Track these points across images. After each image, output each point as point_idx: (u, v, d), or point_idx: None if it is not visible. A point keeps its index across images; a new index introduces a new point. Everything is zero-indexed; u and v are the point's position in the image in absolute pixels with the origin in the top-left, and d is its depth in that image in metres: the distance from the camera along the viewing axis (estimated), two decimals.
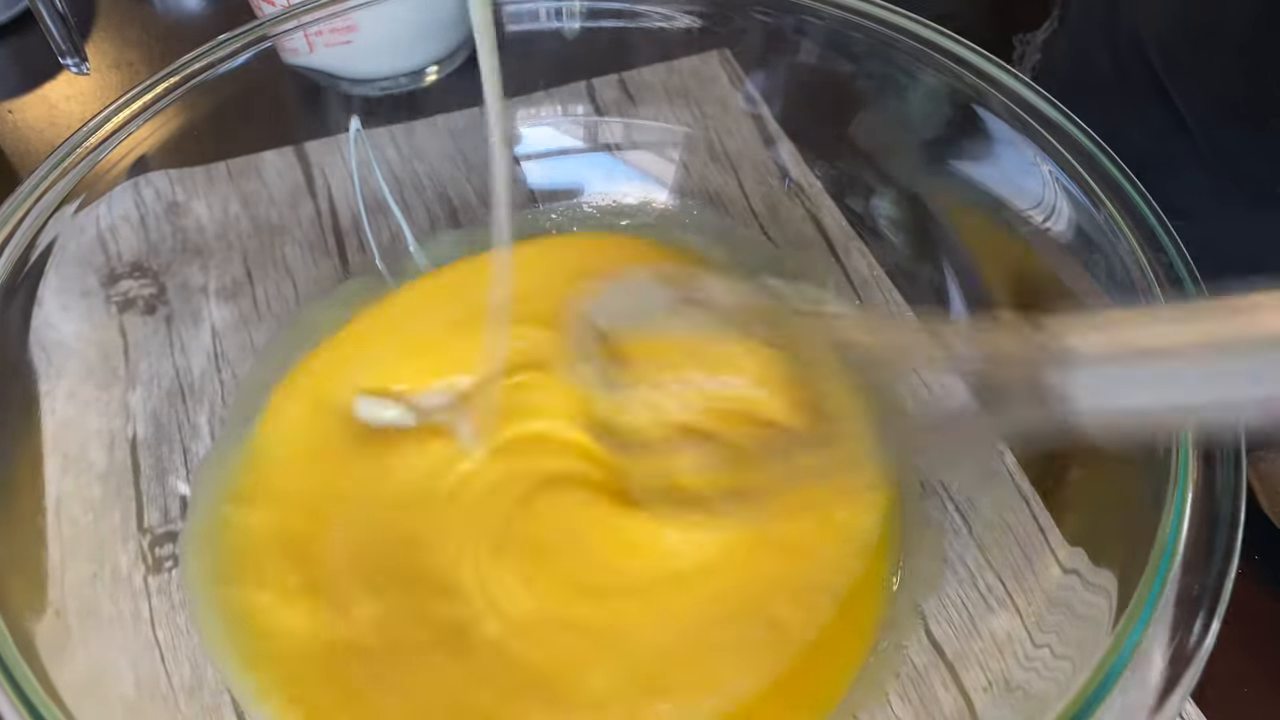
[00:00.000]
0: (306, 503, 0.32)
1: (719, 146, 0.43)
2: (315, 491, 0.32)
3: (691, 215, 0.42)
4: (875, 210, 0.40)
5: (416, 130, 0.43)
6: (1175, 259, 0.27)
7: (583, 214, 0.42)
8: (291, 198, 0.40)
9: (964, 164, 0.35)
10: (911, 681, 0.30)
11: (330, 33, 0.38)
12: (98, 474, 0.32)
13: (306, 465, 0.33)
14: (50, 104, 0.51)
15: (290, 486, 0.32)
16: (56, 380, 0.31)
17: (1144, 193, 0.29)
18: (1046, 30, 0.55)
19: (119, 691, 0.28)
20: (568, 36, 0.41)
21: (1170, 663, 0.22)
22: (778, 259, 0.40)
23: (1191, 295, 0.27)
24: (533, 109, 0.44)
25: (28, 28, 0.53)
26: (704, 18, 0.40)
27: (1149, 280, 0.27)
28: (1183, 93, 0.42)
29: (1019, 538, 0.31)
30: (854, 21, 0.35)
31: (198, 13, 0.56)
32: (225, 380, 0.36)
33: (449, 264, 0.38)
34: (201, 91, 0.33)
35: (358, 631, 0.30)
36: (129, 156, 0.32)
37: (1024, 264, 0.33)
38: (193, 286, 0.37)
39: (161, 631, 0.30)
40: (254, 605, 0.30)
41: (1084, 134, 0.30)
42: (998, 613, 0.30)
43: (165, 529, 0.32)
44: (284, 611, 0.30)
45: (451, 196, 0.42)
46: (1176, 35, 0.42)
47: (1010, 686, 0.28)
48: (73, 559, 0.29)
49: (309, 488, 0.32)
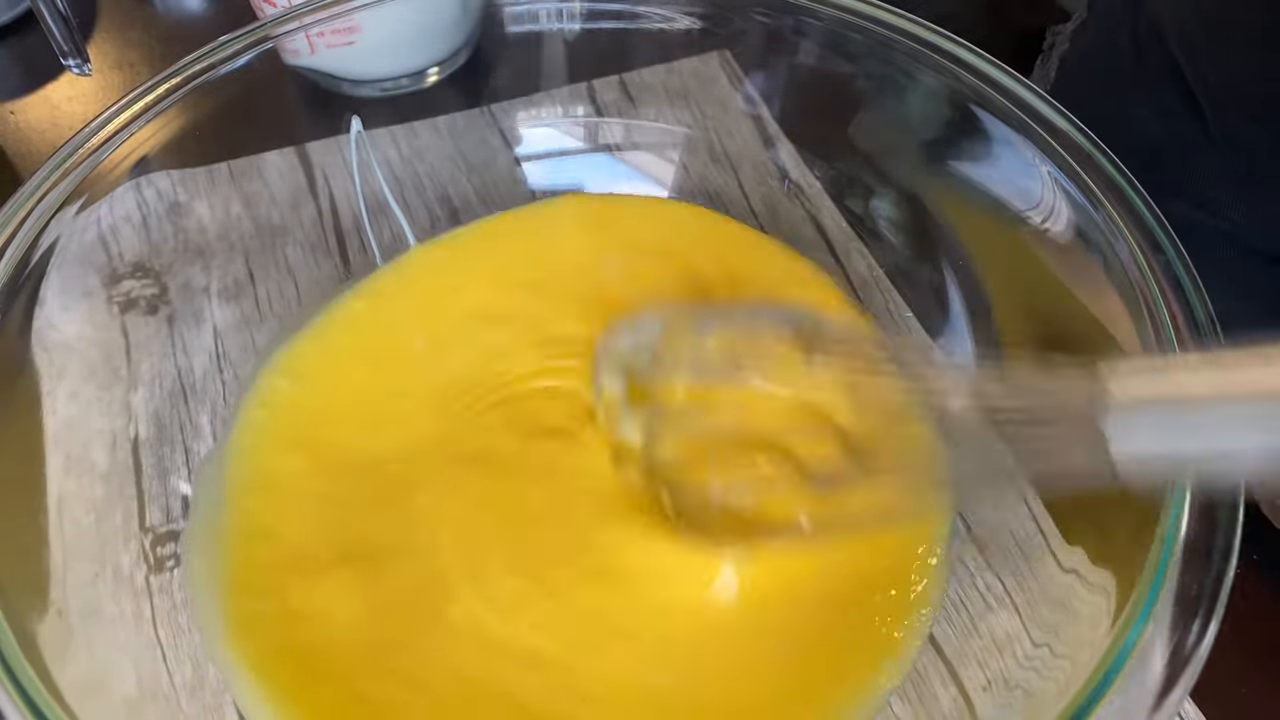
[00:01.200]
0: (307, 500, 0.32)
1: (719, 147, 0.43)
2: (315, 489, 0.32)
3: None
4: (875, 211, 0.40)
5: (418, 131, 0.43)
6: (1174, 259, 0.27)
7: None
8: (293, 198, 0.40)
9: (964, 164, 0.35)
10: (911, 681, 0.30)
11: (332, 34, 0.38)
12: (100, 474, 0.32)
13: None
14: (52, 105, 0.51)
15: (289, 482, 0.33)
16: (58, 380, 0.31)
17: (1143, 193, 0.29)
18: (1076, 20, 0.55)
19: (121, 691, 0.28)
20: (568, 38, 0.41)
21: (1169, 663, 0.22)
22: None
23: (1193, 298, 0.27)
24: (533, 110, 0.44)
25: (29, 28, 0.53)
26: (704, 19, 0.40)
27: (1148, 280, 0.27)
28: (1201, 84, 0.42)
29: (1018, 537, 0.31)
30: (853, 22, 0.35)
31: (199, 14, 0.56)
32: (227, 380, 0.36)
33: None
34: (203, 92, 0.34)
35: (359, 630, 0.30)
36: (131, 157, 0.32)
37: (1024, 264, 0.33)
38: (194, 287, 0.37)
39: (163, 631, 0.30)
40: (255, 605, 0.30)
41: (1083, 134, 0.30)
42: (997, 612, 0.30)
43: (167, 529, 0.32)
44: (286, 611, 0.30)
45: (452, 196, 0.42)
46: (1195, 26, 0.42)
47: (1009, 686, 0.28)
48: (75, 559, 0.29)
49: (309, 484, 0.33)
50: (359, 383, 0.35)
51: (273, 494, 0.32)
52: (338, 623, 0.30)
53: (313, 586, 0.30)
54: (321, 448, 0.33)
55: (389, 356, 0.36)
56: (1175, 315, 0.26)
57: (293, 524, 0.32)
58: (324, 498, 0.32)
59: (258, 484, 0.33)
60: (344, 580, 0.30)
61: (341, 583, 0.30)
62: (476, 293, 0.37)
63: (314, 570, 0.31)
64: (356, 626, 0.30)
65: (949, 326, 0.37)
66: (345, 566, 0.31)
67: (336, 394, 0.35)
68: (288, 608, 0.30)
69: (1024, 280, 0.34)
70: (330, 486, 0.33)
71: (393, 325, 0.36)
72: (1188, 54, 0.42)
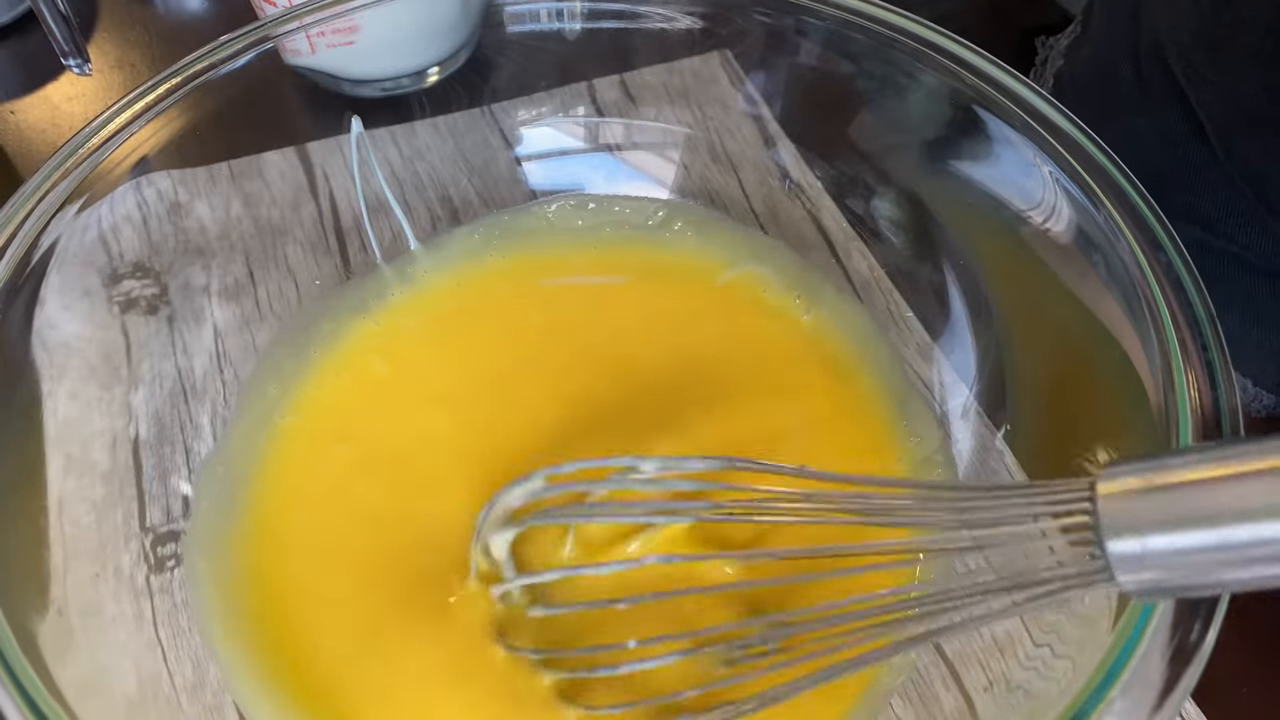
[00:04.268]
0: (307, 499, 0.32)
1: (719, 147, 0.43)
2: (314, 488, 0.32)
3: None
4: (875, 210, 0.40)
5: (418, 131, 0.43)
6: (1175, 259, 0.27)
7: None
8: (293, 198, 0.40)
9: (964, 164, 0.35)
10: (912, 681, 0.30)
11: (332, 33, 0.38)
12: (100, 474, 0.32)
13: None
14: (52, 105, 0.51)
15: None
16: (59, 380, 0.31)
17: (1144, 193, 0.29)
18: (1070, 35, 0.55)
19: (121, 690, 0.28)
20: (569, 37, 0.41)
21: (1170, 663, 0.22)
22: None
23: (1193, 298, 0.27)
24: (534, 109, 0.44)
25: (30, 28, 0.53)
26: (704, 19, 0.40)
27: (1149, 280, 0.27)
28: (1202, 101, 0.41)
29: None
30: (854, 22, 0.35)
31: (200, 14, 0.56)
32: (227, 380, 0.36)
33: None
34: (204, 92, 0.34)
35: (360, 630, 0.30)
36: (131, 157, 0.32)
37: (1024, 264, 0.33)
38: (195, 287, 0.37)
39: (164, 631, 0.30)
40: (256, 605, 0.30)
41: (1084, 134, 0.30)
42: None
43: (167, 529, 0.32)
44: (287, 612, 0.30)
45: (453, 196, 0.42)
46: (1196, 43, 0.42)
47: (1011, 686, 0.28)
48: (75, 558, 0.29)
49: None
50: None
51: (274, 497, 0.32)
52: (338, 623, 0.30)
53: (313, 587, 0.30)
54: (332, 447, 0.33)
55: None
56: (1175, 315, 0.26)
57: (295, 526, 0.32)
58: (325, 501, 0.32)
59: (259, 485, 0.33)
60: (345, 580, 0.31)
61: (342, 583, 0.30)
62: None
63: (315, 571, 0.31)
64: (358, 627, 0.30)
65: (949, 326, 0.37)
66: (346, 566, 0.31)
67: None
68: (289, 608, 0.30)
69: (1024, 280, 0.34)
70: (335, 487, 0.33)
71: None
72: (1189, 77, 0.42)
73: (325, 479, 0.33)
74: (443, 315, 0.38)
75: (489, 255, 0.40)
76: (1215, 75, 0.41)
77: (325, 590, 0.31)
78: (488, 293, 0.38)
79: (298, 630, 0.30)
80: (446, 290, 0.39)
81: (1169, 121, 0.43)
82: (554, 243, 0.40)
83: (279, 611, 0.30)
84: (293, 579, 0.31)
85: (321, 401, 0.35)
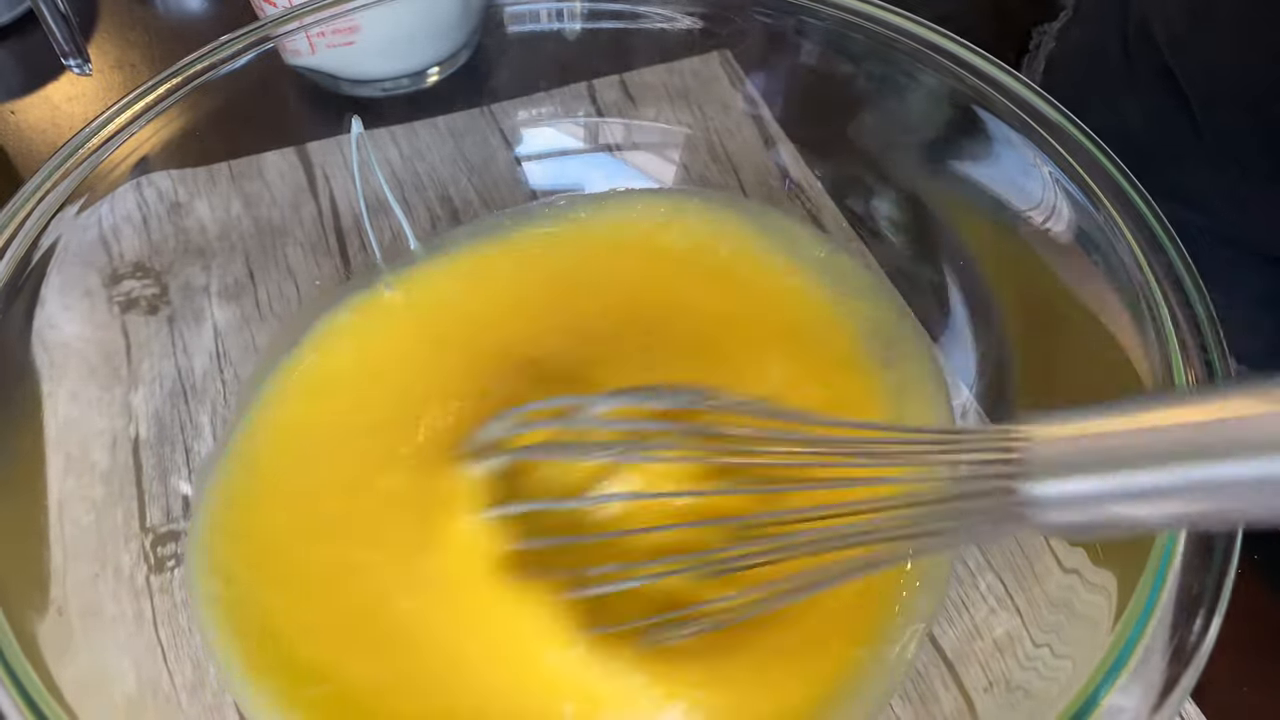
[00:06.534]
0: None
1: (719, 147, 0.43)
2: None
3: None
4: (876, 211, 0.40)
5: (418, 131, 0.43)
6: (1175, 259, 0.27)
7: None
8: (293, 198, 0.40)
9: (964, 164, 0.35)
10: (911, 681, 0.30)
11: (332, 33, 0.38)
12: (100, 474, 0.32)
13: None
14: (52, 105, 0.51)
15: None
16: (59, 380, 0.31)
17: (1144, 193, 0.29)
18: (1063, 19, 0.55)
19: (121, 690, 0.28)
20: (569, 37, 0.41)
21: (1170, 663, 0.22)
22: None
23: (1193, 298, 0.27)
24: (534, 110, 0.44)
25: (30, 28, 0.53)
26: (704, 19, 0.40)
27: (1149, 280, 0.27)
28: (1190, 83, 0.41)
29: (1019, 537, 0.31)
30: (854, 22, 0.35)
31: (200, 14, 0.56)
32: (228, 380, 0.36)
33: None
34: (204, 92, 0.34)
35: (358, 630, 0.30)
36: (131, 157, 0.32)
37: (1024, 264, 0.33)
38: (195, 287, 0.37)
39: (163, 631, 0.30)
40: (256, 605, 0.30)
41: (1084, 134, 0.30)
42: (998, 613, 0.30)
43: (167, 528, 0.32)
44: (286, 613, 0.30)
45: (453, 196, 0.42)
46: (1180, 19, 0.42)
47: (1011, 686, 0.28)
48: (75, 558, 0.29)
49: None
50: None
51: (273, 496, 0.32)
52: (338, 624, 0.30)
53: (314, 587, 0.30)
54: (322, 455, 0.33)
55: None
56: (1176, 315, 0.26)
57: (295, 525, 0.32)
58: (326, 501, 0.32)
59: (259, 485, 0.33)
60: (345, 581, 0.31)
61: (343, 584, 0.30)
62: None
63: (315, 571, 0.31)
64: (356, 626, 0.30)
65: (949, 326, 0.37)
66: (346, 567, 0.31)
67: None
68: (289, 608, 0.30)
69: (1024, 280, 0.34)
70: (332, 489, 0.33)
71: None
72: (1175, 51, 0.42)
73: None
74: (443, 315, 0.38)
75: (489, 255, 0.40)
76: (1199, 47, 0.41)
77: (326, 590, 0.31)
78: (488, 293, 0.38)
79: (298, 630, 0.30)
80: (446, 290, 0.39)
81: (1156, 100, 0.43)
82: (554, 243, 0.40)
83: (279, 611, 0.30)
84: (293, 578, 0.31)
85: (321, 401, 0.35)
